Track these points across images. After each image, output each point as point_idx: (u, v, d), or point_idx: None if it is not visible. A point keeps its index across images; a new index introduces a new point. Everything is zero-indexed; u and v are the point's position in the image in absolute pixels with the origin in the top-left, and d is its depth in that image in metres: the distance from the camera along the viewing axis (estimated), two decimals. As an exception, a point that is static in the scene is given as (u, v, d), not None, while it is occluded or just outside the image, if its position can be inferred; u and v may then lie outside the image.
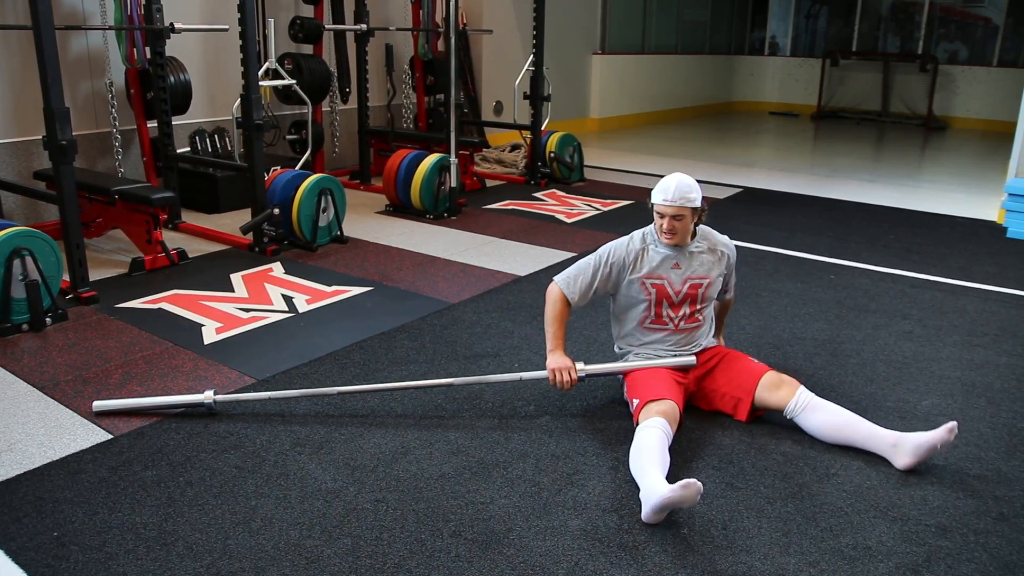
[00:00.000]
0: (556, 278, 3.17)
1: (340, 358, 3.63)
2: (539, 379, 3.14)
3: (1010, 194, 6.30)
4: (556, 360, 3.03)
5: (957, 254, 5.67)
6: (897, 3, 14.25)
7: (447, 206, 6.29)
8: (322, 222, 5.36)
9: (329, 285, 4.61)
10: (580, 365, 3.03)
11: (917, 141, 11.98)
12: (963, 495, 2.70)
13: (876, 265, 5.33)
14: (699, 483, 2.37)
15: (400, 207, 6.40)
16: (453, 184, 6.25)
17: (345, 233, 5.55)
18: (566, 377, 3.00)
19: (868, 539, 2.45)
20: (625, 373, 3.10)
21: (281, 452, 2.84)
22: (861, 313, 4.40)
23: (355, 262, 5.08)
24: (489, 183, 7.74)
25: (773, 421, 3.10)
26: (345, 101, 7.57)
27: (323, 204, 5.33)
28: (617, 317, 3.25)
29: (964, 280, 5.06)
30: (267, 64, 5.71)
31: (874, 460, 2.86)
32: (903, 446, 2.78)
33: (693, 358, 3.06)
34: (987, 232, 6.35)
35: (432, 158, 6.22)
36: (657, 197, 3.01)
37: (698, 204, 3.02)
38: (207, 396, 3.07)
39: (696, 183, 3.05)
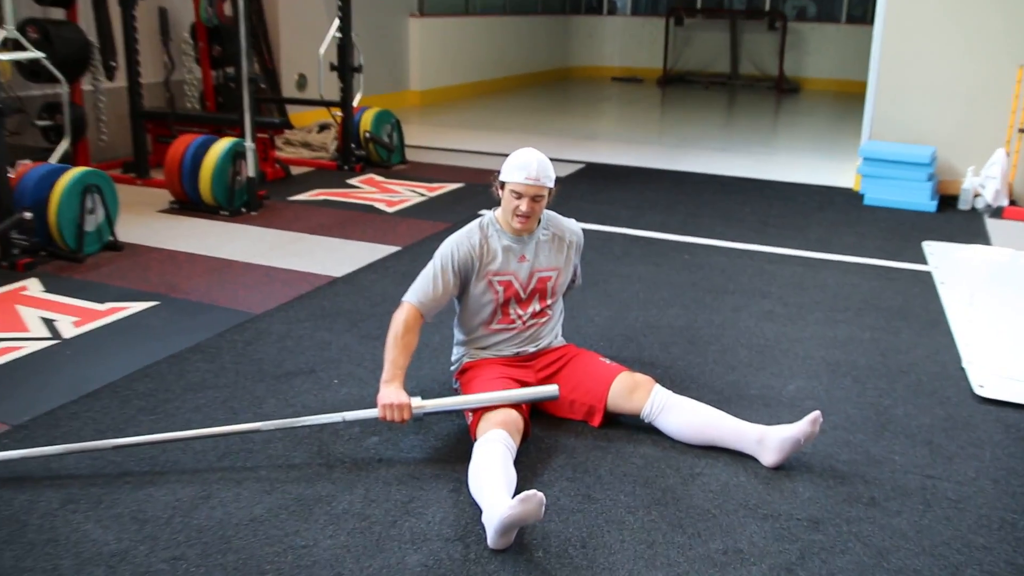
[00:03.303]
0: (405, 297, 3.14)
1: (120, 390, 3.47)
2: (367, 419, 3.04)
3: (865, 158, 6.81)
4: (390, 394, 2.93)
5: (815, 225, 6.07)
6: (741, -45, 15.11)
7: (245, 200, 6.15)
8: (89, 226, 5.12)
9: (103, 302, 4.41)
10: (417, 401, 2.95)
11: (769, 105, 12.73)
12: (833, 483, 2.89)
13: (732, 241, 5.62)
14: (540, 494, 2.42)
15: (187, 204, 6.19)
16: (251, 174, 6.12)
17: (120, 238, 5.33)
18: (399, 415, 2.91)
19: (739, 541, 2.58)
20: (473, 411, 3.00)
21: (48, 513, 2.67)
22: (719, 295, 4.63)
23: (134, 272, 4.88)
24: (294, 170, 7.60)
25: (630, 423, 3.20)
26: (111, 78, 7.23)
27: (89, 204, 5.10)
28: (462, 321, 3.27)
29: (823, 252, 5.42)
30: (3, 33, 5.36)
31: (740, 455, 3.02)
32: (768, 442, 2.94)
33: (555, 389, 3.07)
34: (844, 200, 6.83)
35: (223, 144, 6.06)
36: (515, 175, 3.02)
37: (553, 183, 3.08)
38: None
39: None
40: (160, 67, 7.96)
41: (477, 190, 6.86)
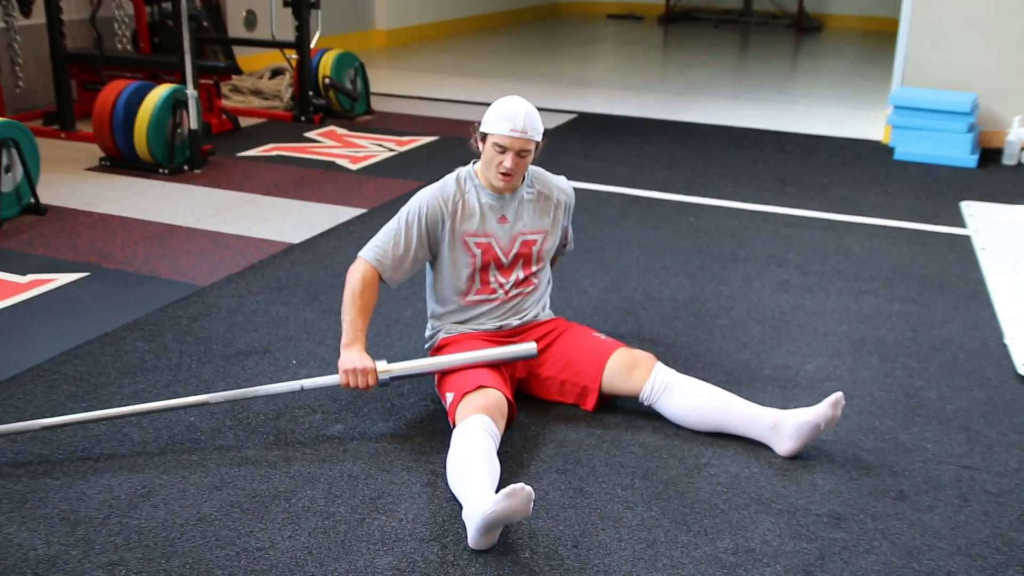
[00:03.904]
0: (361, 252, 3.16)
1: (46, 374, 3.48)
2: (328, 387, 3.12)
3: (896, 107, 6.82)
4: (351, 358, 2.99)
5: (838, 183, 6.10)
6: None
7: (187, 156, 6.14)
8: (5, 187, 5.12)
9: (24, 274, 4.41)
10: (383, 364, 3.02)
11: (787, 46, 12.73)
12: (857, 474, 2.92)
13: (744, 202, 5.65)
14: (528, 488, 2.44)
15: (121, 160, 6.17)
16: (194, 126, 6.11)
17: (42, 200, 5.32)
18: (362, 381, 2.98)
19: (750, 540, 2.61)
20: (442, 373, 3.11)
21: (-34, 511, 2.68)
22: (728, 262, 4.66)
23: (60, 239, 4.87)
24: (244, 122, 7.59)
25: (628, 407, 3.24)
26: (27, 13, 7.17)
27: (5, 161, 5.09)
28: (435, 289, 3.28)
29: (848, 214, 5.45)
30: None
31: (752, 443, 3.05)
32: (783, 428, 2.97)
33: (533, 346, 3.12)
34: (871, 154, 6.86)
35: (161, 91, 6.04)
36: (499, 126, 3.03)
37: (541, 136, 3.10)
38: None
39: None
40: (85, 1, 7.89)
41: (453, 144, 6.85)
